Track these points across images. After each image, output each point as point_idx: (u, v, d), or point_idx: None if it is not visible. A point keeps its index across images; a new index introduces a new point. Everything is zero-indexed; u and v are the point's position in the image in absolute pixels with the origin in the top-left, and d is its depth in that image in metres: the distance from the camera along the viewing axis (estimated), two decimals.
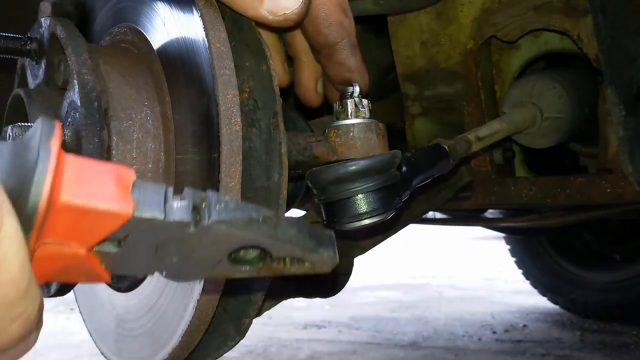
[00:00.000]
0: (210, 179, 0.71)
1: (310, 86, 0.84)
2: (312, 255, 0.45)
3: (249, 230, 0.42)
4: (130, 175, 0.38)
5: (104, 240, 0.39)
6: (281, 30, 0.80)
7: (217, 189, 0.69)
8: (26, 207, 0.33)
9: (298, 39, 0.81)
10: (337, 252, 0.46)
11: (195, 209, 0.40)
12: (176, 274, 0.45)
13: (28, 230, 0.33)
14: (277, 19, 0.65)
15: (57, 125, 0.34)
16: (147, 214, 0.38)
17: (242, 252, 0.44)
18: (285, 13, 0.65)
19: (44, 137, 0.34)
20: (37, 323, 0.35)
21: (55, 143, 0.34)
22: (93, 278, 0.40)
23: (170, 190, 0.40)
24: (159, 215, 0.38)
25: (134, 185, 0.38)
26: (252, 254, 0.44)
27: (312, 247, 0.45)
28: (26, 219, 0.33)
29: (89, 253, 0.39)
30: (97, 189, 0.36)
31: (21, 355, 0.36)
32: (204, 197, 0.41)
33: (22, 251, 0.31)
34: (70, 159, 0.35)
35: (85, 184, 0.35)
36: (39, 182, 0.33)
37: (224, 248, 0.43)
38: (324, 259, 0.46)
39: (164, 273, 0.45)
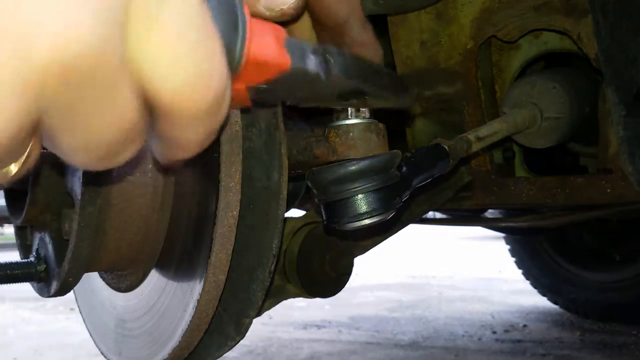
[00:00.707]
0: (210, 178, 0.71)
1: None
2: (399, 98, 0.64)
3: (362, 81, 0.57)
4: (283, 32, 0.48)
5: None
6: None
7: (217, 189, 0.69)
8: (233, 62, 0.43)
9: (297, 33, 0.80)
10: (414, 93, 0.65)
11: (326, 62, 0.52)
12: (298, 103, 0.60)
13: (243, 48, 0.44)
14: (274, 15, 0.65)
15: None
16: (298, 65, 0.49)
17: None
18: (282, 8, 0.65)
19: (240, 4, 0.43)
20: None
21: (247, 10, 0.44)
22: (238, 104, 0.51)
23: (308, 45, 0.51)
24: (305, 67, 0.50)
25: (285, 41, 0.48)
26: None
27: (399, 91, 0.63)
28: (231, 69, 0.43)
29: (246, 88, 0.49)
30: (267, 45, 0.46)
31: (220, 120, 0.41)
32: (330, 52, 0.53)
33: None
34: (251, 22, 0.45)
35: (259, 41, 0.45)
36: (242, 45, 0.43)
37: (338, 90, 0.58)
38: (407, 100, 0.65)
39: (289, 102, 0.59)
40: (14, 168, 0.36)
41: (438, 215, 2.58)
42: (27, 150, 0.35)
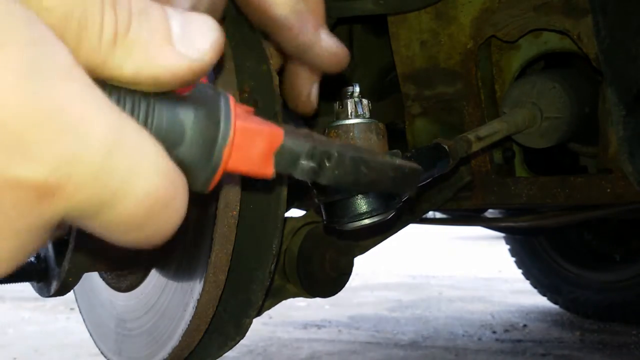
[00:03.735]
0: None
1: (305, 92, 0.70)
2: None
3: (355, 183, 0.48)
4: (279, 138, 0.43)
5: None
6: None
7: (217, 188, 0.69)
8: (196, 186, 0.39)
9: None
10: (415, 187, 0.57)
11: (320, 167, 0.46)
12: None
13: (212, 177, 0.40)
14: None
15: (232, 103, 0.40)
16: (281, 173, 0.44)
17: None
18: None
19: (227, 116, 0.39)
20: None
21: (231, 129, 0.39)
22: None
23: (308, 148, 0.45)
24: (290, 174, 0.45)
25: (278, 149, 0.43)
26: None
27: (401, 188, 0.54)
28: (207, 177, 0.40)
29: None
30: (249, 161, 0.42)
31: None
32: (330, 156, 0.46)
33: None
34: (239, 128, 0.40)
35: (241, 156, 0.41)
36: (211, 176, 0.40)
37: None
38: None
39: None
40: None
41: (438, 215, 2.58)
42: None
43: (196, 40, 0.34)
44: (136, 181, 0.30)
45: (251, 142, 0.42)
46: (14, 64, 0.26)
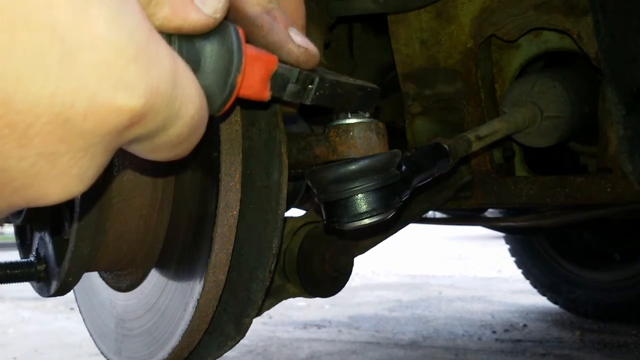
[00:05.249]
0: (210, 177, 0.71)
1: None
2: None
3: (331, 102, 0.59)
4: (274, 64, 0.50)
5: None
6: None
7: (217, 188, 0.69)
8: (213, 109, 0.45)
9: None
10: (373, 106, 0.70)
11: (304, 89, 0.55)
12: None
13: (226, 102, 0.46)
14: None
15: (242, 34, 0.45)
16: (274, 96, 0.51)
17: None
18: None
19: (239, 47, 0.44)
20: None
21: (243, 59, 0.45)
22: None
23: (295, 73, 0.53)
24: (280, 96, 0.53)
25: (272, 74, 0.50)
26: None
27: (362, 106, 0.67)
28: (223, 102, 0.46)
29: None
30: (252, 86, 0.48)
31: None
32: (312, 80, 0.55)
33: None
34: (248, 57, 0.46)
35: (246, 83, 0.47)
36: (224, 103, 0.45)
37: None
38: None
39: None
40: None
41: (438, 214, 2.58)
42: None
43: (211, 1, 0.41)
44: (188, 106, 0.36)
45: (254, 69, 0.47)
46: (110, 9, 0.31)
